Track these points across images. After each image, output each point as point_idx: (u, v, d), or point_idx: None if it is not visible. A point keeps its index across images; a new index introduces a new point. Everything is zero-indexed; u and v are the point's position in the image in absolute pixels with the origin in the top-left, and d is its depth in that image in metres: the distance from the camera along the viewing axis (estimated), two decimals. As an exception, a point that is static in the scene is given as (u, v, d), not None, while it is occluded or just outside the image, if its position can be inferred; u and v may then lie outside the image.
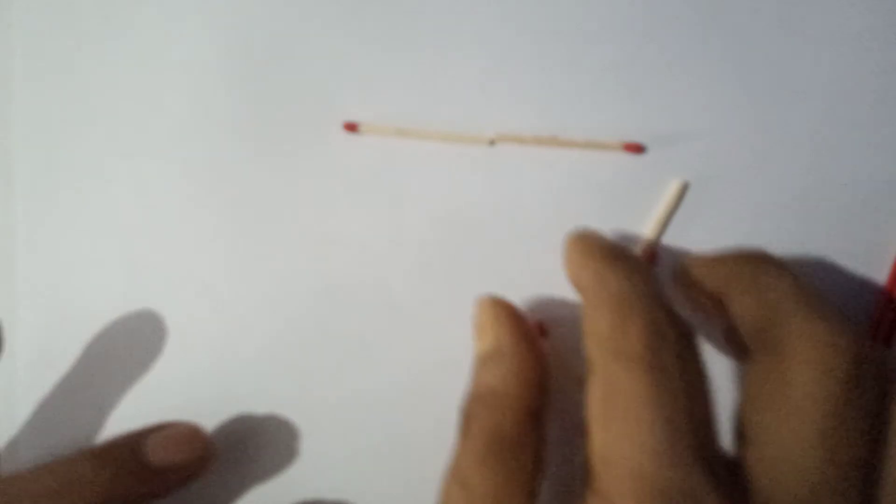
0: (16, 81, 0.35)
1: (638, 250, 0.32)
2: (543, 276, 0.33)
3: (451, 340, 0.33)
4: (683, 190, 0.32)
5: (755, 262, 0.26)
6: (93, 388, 0.34)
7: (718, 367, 0.31)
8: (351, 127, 0.34)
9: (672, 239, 0.32)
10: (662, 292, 0.25)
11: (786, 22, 0.32)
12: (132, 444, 0.30)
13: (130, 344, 0.34)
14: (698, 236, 0.32)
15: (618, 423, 0.22)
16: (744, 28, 0.33)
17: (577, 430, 0.24)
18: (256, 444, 0.33)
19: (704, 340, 0.31)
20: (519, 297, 0.33)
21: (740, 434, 0.23)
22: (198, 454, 0.31)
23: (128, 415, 0.34)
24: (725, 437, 0.23)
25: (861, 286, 0.32)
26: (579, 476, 0.24)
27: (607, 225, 0.32)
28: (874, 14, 0.32)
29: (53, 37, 0.35)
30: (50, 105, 0.35)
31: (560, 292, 0.33)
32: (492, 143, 0.33)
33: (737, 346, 0.26)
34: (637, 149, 0.32)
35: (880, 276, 0.32)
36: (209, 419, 0.33)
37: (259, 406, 0.33)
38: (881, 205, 0.32)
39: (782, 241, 0.32)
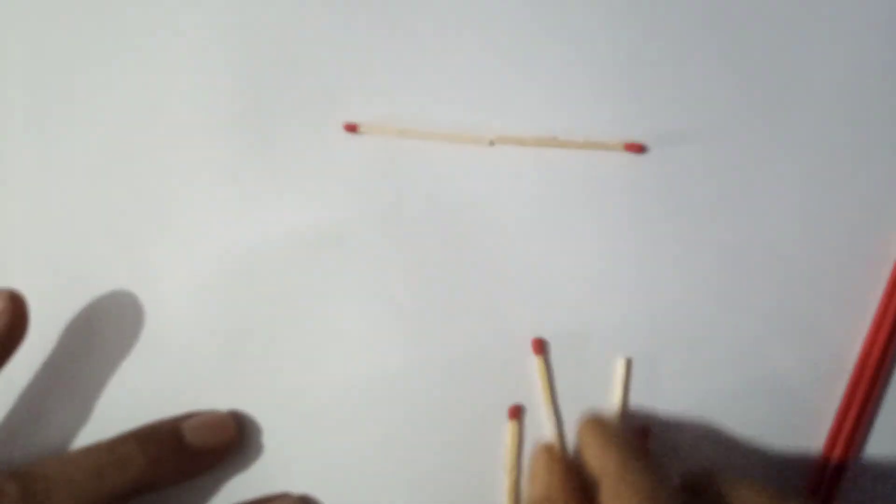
0: (14, 80, 0.35)
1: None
2: (543, 277, 0.33)
3: (449, 339, 0.33)
4: (629, 366, 0.32)
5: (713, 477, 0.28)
6: (74, 381, 0.35)
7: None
8: (351, 128, 0.33)
9: (675, 241, 0.32)
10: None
11: (786, 23, 0.31)
12: (172, 428, 0.33)
13: (121, 338, 0.35)
14: (698, 232, 0.32)
15: None
16: (745, 28, 0.31)
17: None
18: (254, 440, 0.34)
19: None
20: (519, 297, 0.33)
21: None
22: (230, 437, 0.33)
23: (116, 409, 0.35)
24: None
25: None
26: None
27: (609, 226, 0.32)
28: (874, 14, 0.31)
29: (53, 37, 0.35)
30: (50, 105, 0.35)
31: (559, 293, 0.33)
32: (492, 143, 0.33)
33: None
34: (638, 148, 0.32)
35: (881, 278, 0.32)
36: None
37: (256, 402, 0.34)
38: (881, 205, 0.31)
39: (784, 241, 0.32)
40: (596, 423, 0.29)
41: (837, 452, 0.32)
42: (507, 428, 0.33)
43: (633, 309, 0.33)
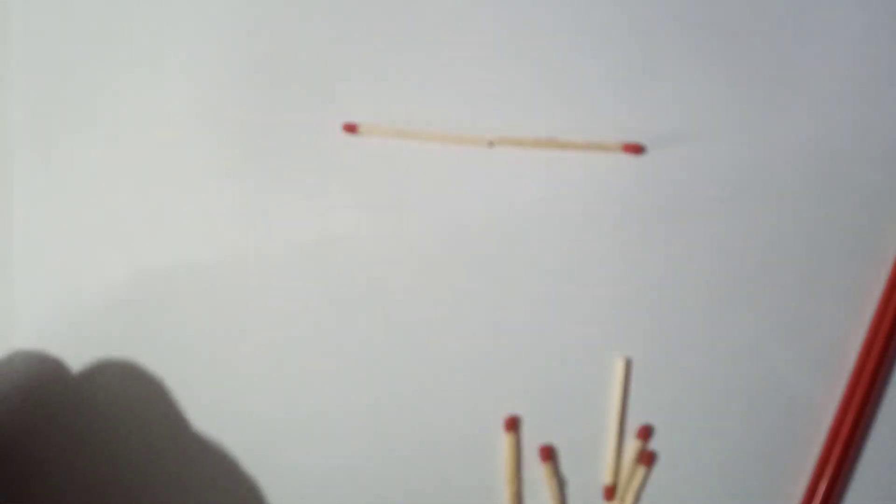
0: (15, 80, 0.35)
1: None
2: (542, 276, 0.33)
3: (449, 339, 0.33)
4: (628, 366, 0.32)
5: None
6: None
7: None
8: (350, 128, 0.34)
9: (674, 241, 0.32)
10: None
11: (785, 23, 0.32)
12: None
13: (119, 339, 0.34)
14: (696, 232, 0.32)
15: None
16: (743, 29, 0.32)
17: None
18: (253, 442, 0.34)
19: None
20: (518, 297, 0.33)
21: None
22: None
23: (115, 410, 0.34)
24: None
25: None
26: None
27: (607, 226, 0.32)
28: (874, 15, 0.32)
29: (53, 37, 0.35)
30: (50, 105, 0.35)
31: (558, 292, 0.33)
32: (491, 144, 0.33)
33: None
34: (636, 149, 0.32)
35: (880, 277, 0.32)
36: (206, 422, 0.34)
37: (255, 404, 0.34)
38: (881, 205, 0.32)
39: (782, 241, 0.32)
40: None
41: (836, 452, 0.31)
42: (505, 440, 0.33)
43: (633, 309, 0.32)
